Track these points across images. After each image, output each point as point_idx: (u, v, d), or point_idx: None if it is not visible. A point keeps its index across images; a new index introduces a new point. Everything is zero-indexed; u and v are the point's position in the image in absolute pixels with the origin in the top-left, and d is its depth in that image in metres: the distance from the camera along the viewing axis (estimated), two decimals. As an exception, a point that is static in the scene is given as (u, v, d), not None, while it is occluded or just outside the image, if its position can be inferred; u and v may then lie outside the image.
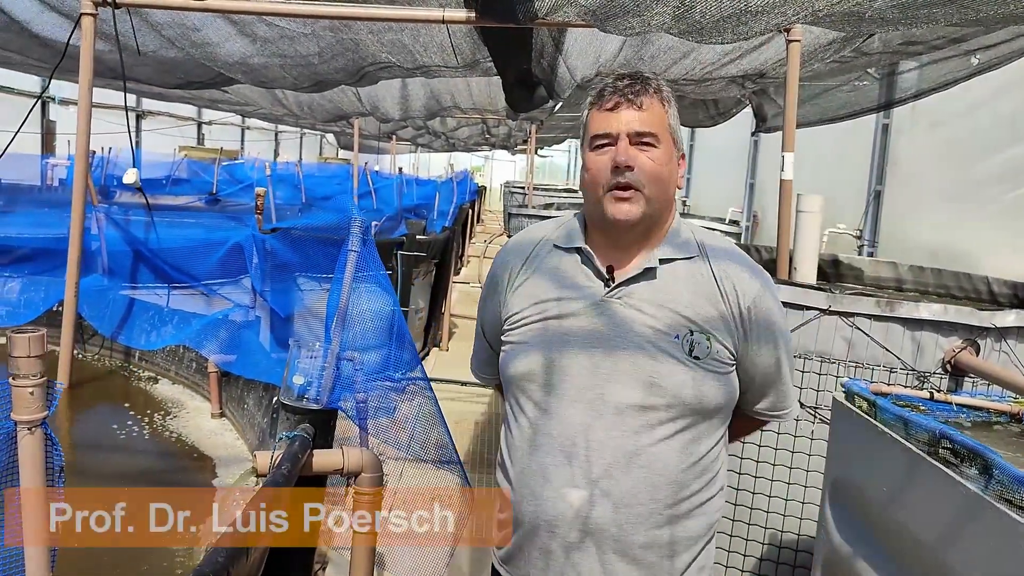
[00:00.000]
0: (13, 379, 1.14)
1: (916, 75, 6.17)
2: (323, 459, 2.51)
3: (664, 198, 1.79)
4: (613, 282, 1.79)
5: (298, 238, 3.91)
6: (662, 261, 1.79)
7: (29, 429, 1.14)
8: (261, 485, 2.08)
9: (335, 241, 3.27)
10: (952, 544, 1.93)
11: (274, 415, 3.06)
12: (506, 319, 1.88)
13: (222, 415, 4.14)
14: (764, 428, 3.49)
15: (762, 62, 5.18)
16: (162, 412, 4.19)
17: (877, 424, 2.35)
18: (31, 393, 1.13)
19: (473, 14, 4.15)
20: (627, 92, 1.76)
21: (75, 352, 4.94)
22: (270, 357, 3.86)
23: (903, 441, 2.18)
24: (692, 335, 1.73)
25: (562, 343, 1.78)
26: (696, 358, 1.73)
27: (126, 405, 4.26)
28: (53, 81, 13.65)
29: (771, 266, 4.68)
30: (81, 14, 4.18)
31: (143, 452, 3.69)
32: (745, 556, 3.61)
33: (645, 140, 1.75)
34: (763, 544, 3.61)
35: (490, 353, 2.06)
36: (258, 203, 3.98)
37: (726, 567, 3.63)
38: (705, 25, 2.54)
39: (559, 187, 24.79)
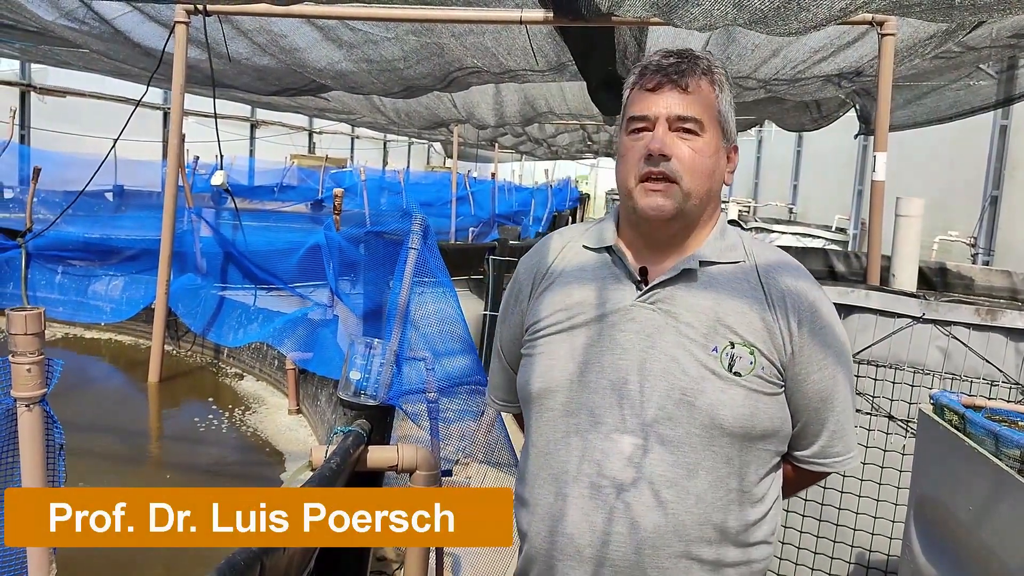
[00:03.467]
0: (12, 356, 1.16)
1: (1031, 71, 5.79)
2: (378, 455, 2.52)
3: (705, 193, 1.57)
4: (646, 285, 1.58)
5: (371, 238, 3.96)
6: (703, 263, 1.58)
7: (27, 406, 1.16)
8: (305, 481, 2.09)
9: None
10: None
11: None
12: (527, 328, 1.69)
13: (299, 411, 4.23)
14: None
15: (857, 59, 4.96)
16: (243, 407, 4.31)
17: (964, 439, 2.19)
18: (28, 370, 1.14)
19: (551, 14, 4.13)
20: (671, 71, 1.55)
21: (170, 349, 5.17)
22: (344, 355, 3.91)
23: (992, 457, 2.03)
24: (733, 347, 1.52)
25: (587, 354, 1.58)
26: (736, 374, 1.51)
27: (210, 399, 4.40)
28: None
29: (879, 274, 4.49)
30: (175, 22, 4.36)
31: (218, 445, 3.80)
32: (830, 575, 3.46)
33: (687, 127, 1.54)
34: (849, 563, 3.44)
35: (509, 375, 1.83)
36: (336, 204, 4.05)
37: (811, 587, 3.48)
38: (767, 13, 2.42)
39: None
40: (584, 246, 1.69)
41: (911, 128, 7.03)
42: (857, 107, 7.20)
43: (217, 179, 4.43)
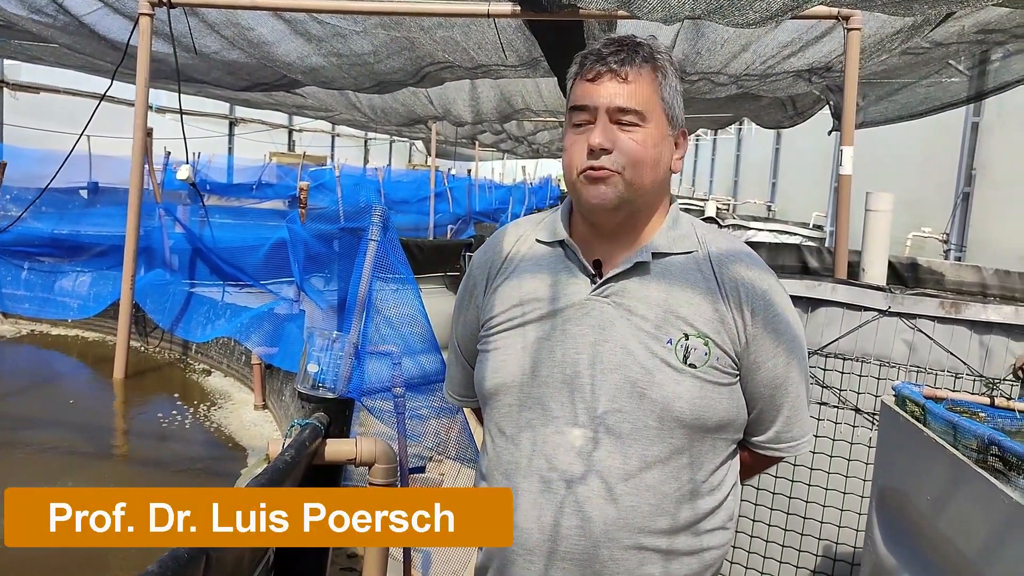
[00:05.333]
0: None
1: (998, 67, 5.83)
2: (335, 448, 2.50)
3: (650, 183, 1.56)
4: (600, 278, 1.58)
5: (334, 232, 3.95)
6: (655, 255, 1.58)
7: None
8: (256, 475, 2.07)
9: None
10: (995, 559, 1.78)
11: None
12: (483, 324, 1.68)
13: (264, 407, 4.21)
14: (817, 434, 3.38)
15: (826, 55, 4.98)
16: (208, 403, 4.28)
17: (924, 430, 2.20)
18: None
19: (518, 7, 4.12)
20: (611, 61, 1.53)
21: (138, 345, 5.13)
22: (307, 348, 3.89)
23: (950, 448, 2.03)
24: (687, 339, 1.52)
25: (542, 349, 1.57)
26: (691, 365, 1.51)
27: (176, 396, 4.37)
28: (150, 89, 14.27)
29: (851, 269, 4.51)
30: (139, 14, 4.32)
31: (182, 441, 3.77)
32: (797, 568, 3.47)
33: (628, 119, 1.52)
34: (816, 555, 3.46)
35: (467, 370, 1.82)
36: (301, 197, 4.02)
37: (777, 579, 3.49)
38: (723, 3, 2.42)
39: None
40: (537, 240, 1.68)
41: (884, 124, 7.08)
42: (830, 103, 7.23)
43: (183, 174, 4.39)
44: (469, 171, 12.39)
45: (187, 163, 4.40)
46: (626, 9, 2.88)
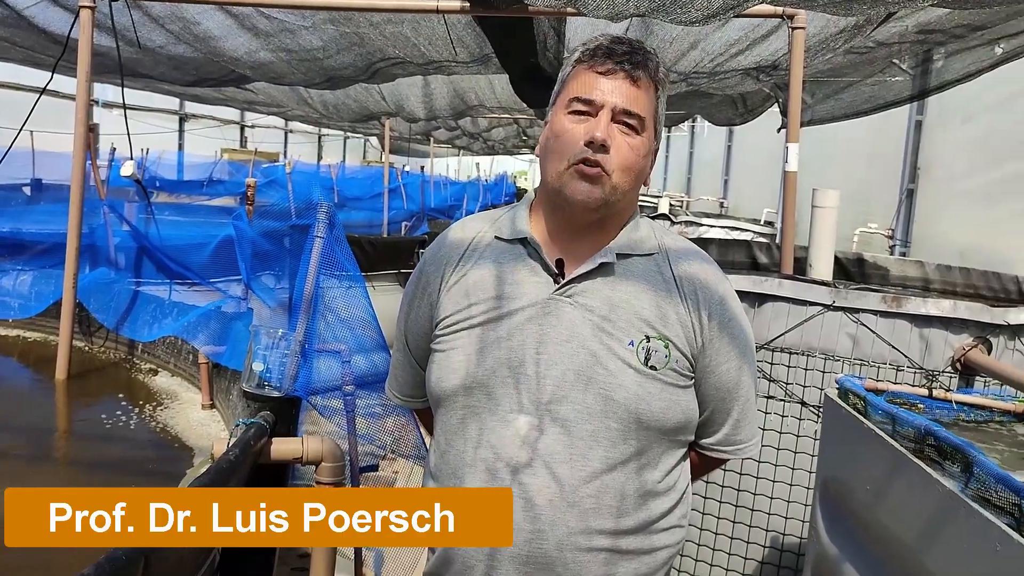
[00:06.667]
0: None
1: (941, 67, 5.96)
2: (281, 447, 2.48)
3: (630, 190, 1.56)
4: (563, 278, 1.56)
5: (285, 230, 3.90)
6: (619, 256, 1.57)
7: None
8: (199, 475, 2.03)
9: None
10: (930, 546, 1.83)
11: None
12: (437, 323, 1.63)
13: (212, 406, 4.14)
14: (764, 427, 3.43)
15: (772, 53, 5.05)
16: (155, 403, 4.20)
17: (864, 422, 2.25)
18: None
19: (467, 3, 4.11)
20: (624, 60, 1.52)
21: (82, 345, 5.02)
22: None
23: (888, 439, 2.08)
24: (648, 341, 1.52)
25: (501, 350, 1.54)
26: (652, 368, 1.51)
27: (121, 396, 4.28)
28: (96, 84, 14.00)
29: (799, 265, 4.58)
30: (80, 7, 4.22)
31: (126, 441, 3.68)
32: (746, 559, 3.52)
33: (630, 122, 1.52)
34: (764, 547, 3.52)
35: (415, 369, 1.77)
36: (248, 194, 3.97)
37: (727, 570, 3.55)
38: (666, 1, 2.44)
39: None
40: (496, 237, 1.65)
41: (831, 122, 7.19)
42: (779, 101, 7.34)
43: (126, 170, 4.30)
44: (423, 167, 12.35)
45: (131, 159, 4.31)
46: (573, 6, 2.90)
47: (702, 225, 11.12)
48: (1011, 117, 7.22)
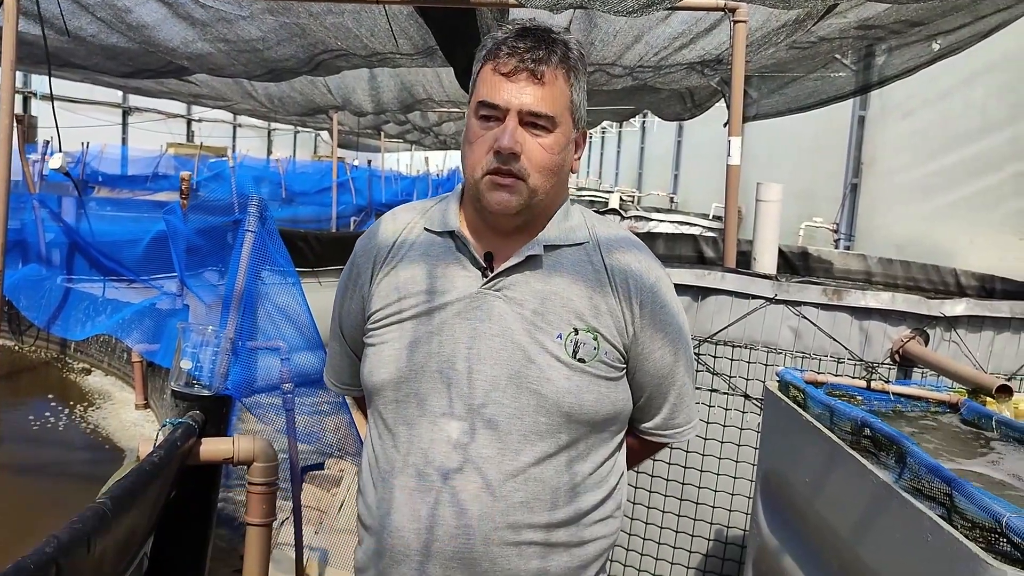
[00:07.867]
0: None
1: (882, 62, 6.04)
2: (211, 447, 2.41)
3: (551, 187, 1.54)
4: (491, 271, 1.54)
5: (228, 224, 3.80)
6: (547, 248, 1.55)
7: None
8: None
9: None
10: (864, 536, 1.83)
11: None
12: (368, 316, 1.62)
13: (147, 406, 4.05)
14: (707, 420, 3.42)
15: (716, 47, 5.06)
16: (86, 403, 4.09)
17: (803, 414, 2.26)
18: None
19: (408, -7, 4.04)
20: (528, 58, 1.46)
21: (11, 344, 4.87)
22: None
23: (826, 430, 2.08)
24: (577, 333, 1.51)
25: (431, 343, 1.52)
26: (581, 360, 1.50)
27: (51, 396, 4.15)
28: (35, 76, 13.64)
29: (745, 259, 4.59)
30: (3, -7, 4.06)
31: (56, 444, 3.59)
32: (690, 552, 3.52)
33: (539, 123, 1.48)
34: (708, 540, 3.52)
35: (351, 359, 1.76)
36: (183, 188, 3.86)
37: (671, 563, 3.54)
38: (600, -11, 2.42)
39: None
40: (426, 229, 1.63)
41: (776, 116, 7.25)
42: (725, 96, 7.38)
43: (55, 163, 4.15)
44: (370, 161, 12.21)
45: (60, 151, 4.16)
46: (514, -2, 2.86)
47: (652, 220, 11.19)
48: (947, 111, 7.36)
